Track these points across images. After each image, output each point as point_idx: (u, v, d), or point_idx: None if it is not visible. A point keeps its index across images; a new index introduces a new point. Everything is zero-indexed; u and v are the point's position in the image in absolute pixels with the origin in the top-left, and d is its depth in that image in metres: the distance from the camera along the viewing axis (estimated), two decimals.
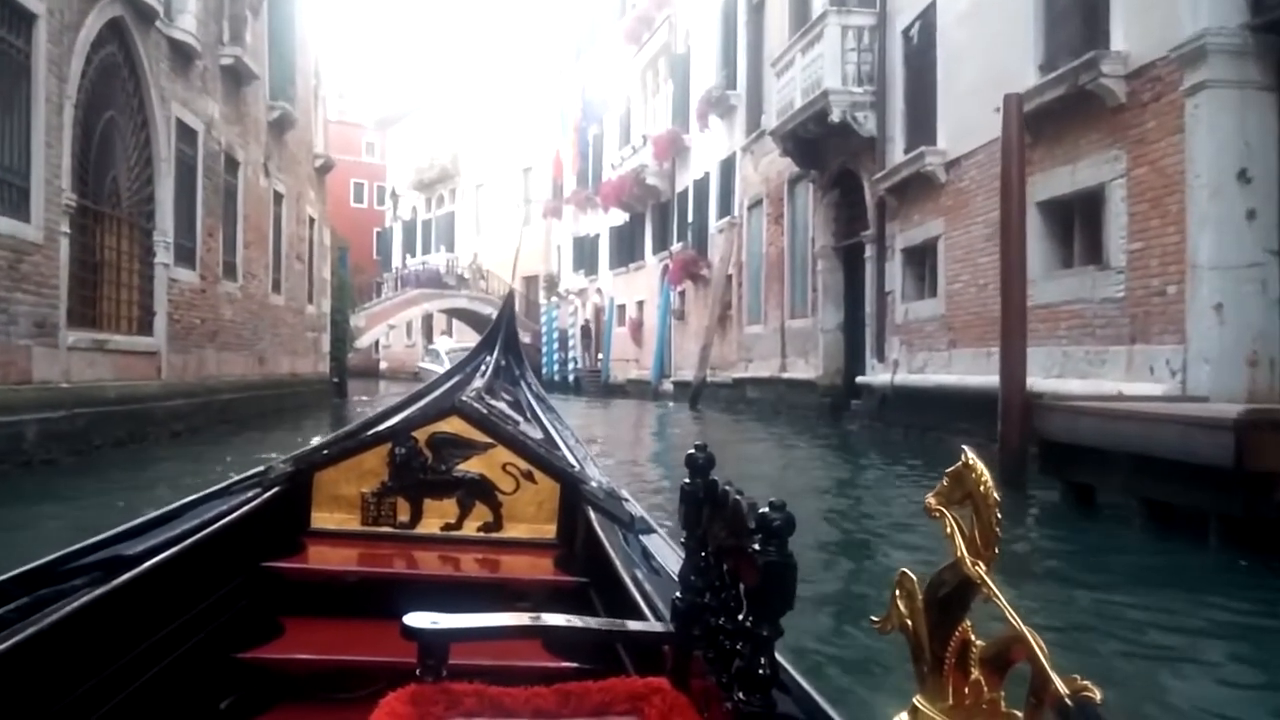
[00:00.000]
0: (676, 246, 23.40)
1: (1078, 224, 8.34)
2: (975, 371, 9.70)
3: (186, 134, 11.32)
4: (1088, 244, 8.21)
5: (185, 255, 11.29)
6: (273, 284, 15.22)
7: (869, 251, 12.90)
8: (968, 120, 10.04)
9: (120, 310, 9.72)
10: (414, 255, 44.03)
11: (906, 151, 11.68)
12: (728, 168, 20.19)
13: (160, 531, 1.77)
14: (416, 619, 1.15)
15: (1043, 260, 8.72)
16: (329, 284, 19.91)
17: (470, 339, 33.07)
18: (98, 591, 1.42)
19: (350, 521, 2.24)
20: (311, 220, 18.26)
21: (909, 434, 11.19)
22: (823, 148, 14.20)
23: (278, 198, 15.60)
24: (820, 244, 14.74)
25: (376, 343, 37.01)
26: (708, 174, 21.64)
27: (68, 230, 8.25)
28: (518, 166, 37.16)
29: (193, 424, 11.02)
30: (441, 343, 33.35)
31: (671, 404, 21.62)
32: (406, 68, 59.15)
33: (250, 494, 2.14)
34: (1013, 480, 6.62)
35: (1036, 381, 8.28)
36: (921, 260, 11.60)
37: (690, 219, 22.79)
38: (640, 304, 27.27)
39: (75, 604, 1.36)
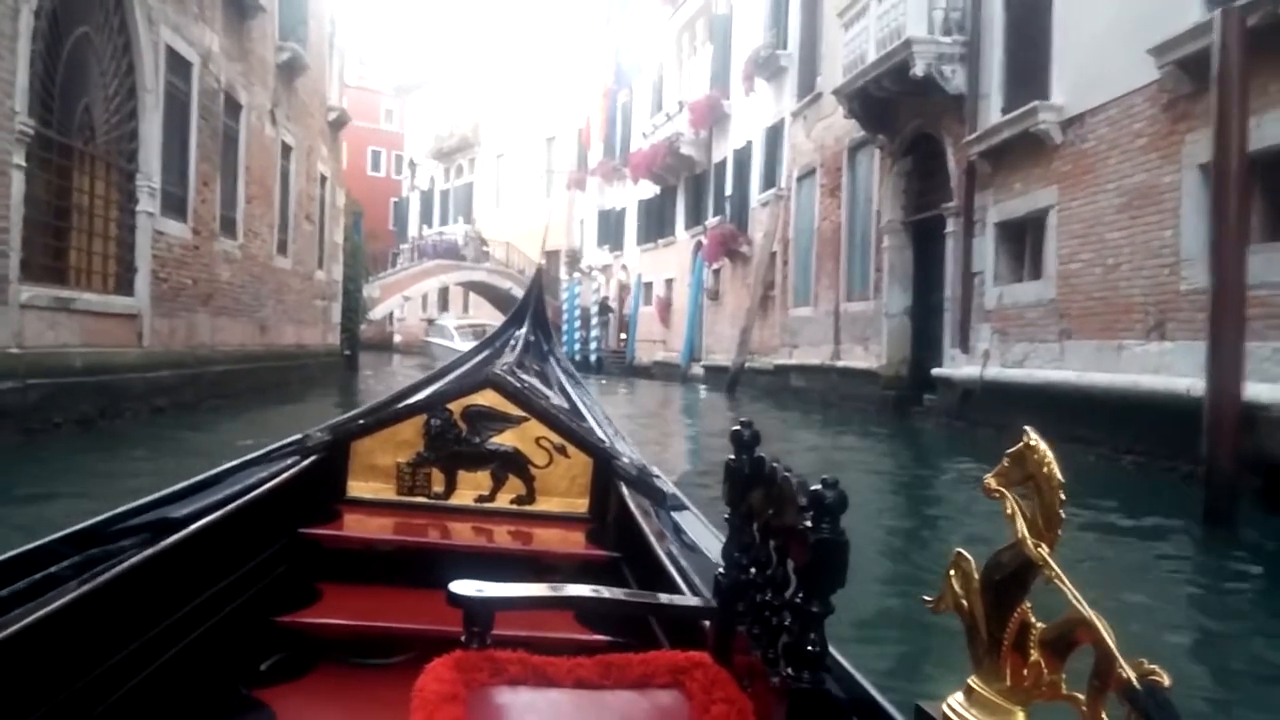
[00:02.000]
0: (713, 221, 21.85)
1: (1258, 191, 6.78)
2: (1100, 367, 8.18)
3: (179, 65, 9.84)
4: (1273, 215, 6.66)
5: (175, 205, 9.84)
6: (278, 245, 13.75)
7: (951, 226, 11.35)
8: (1097, 69, 8.46)
9: (92, 264, 8.28)
10: (431, 226, 42.51)
11: (1005, 110, 10.10)
12: (774, 135, 18.60)
13: (204, 495, 1.78)
14: (462, 586, 1.15)
15: (1203, 236, 7.15)
16: (341, 249, 18.45)
17: (485, 314, 31.68)
18: (146, 553, 1.45)
19: (386, 491, 2.27)
20: (323, 178, 16.78)
21: (1002, 437, 9.67)
22: (896, 108, 12.61)
23: (286, 150, 14.12)
24: (887, 218, 13.17)
25: (391, 314, 35.56)
26: (750, 142, 20.05)
27: (22, 163, 6.80)
28: (541, 136, 35.54)
29: (179, 398, 9.61)
30: (446, 319, 32.24)
31: (702, 389, 20.16)
32: (427, 33, 57.60)
33: (289, 461, 2.14)
34: (1220, 516, 5.12)
35: (1196, 383, 6.76)
36: (1021, 236, 10.05)
37: (729, 191, 21.22)
38: (669, 282, 25.75)
39: (124, 564, 1.39)
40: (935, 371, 11.39)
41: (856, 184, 14.47)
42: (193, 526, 1.60)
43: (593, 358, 27.83)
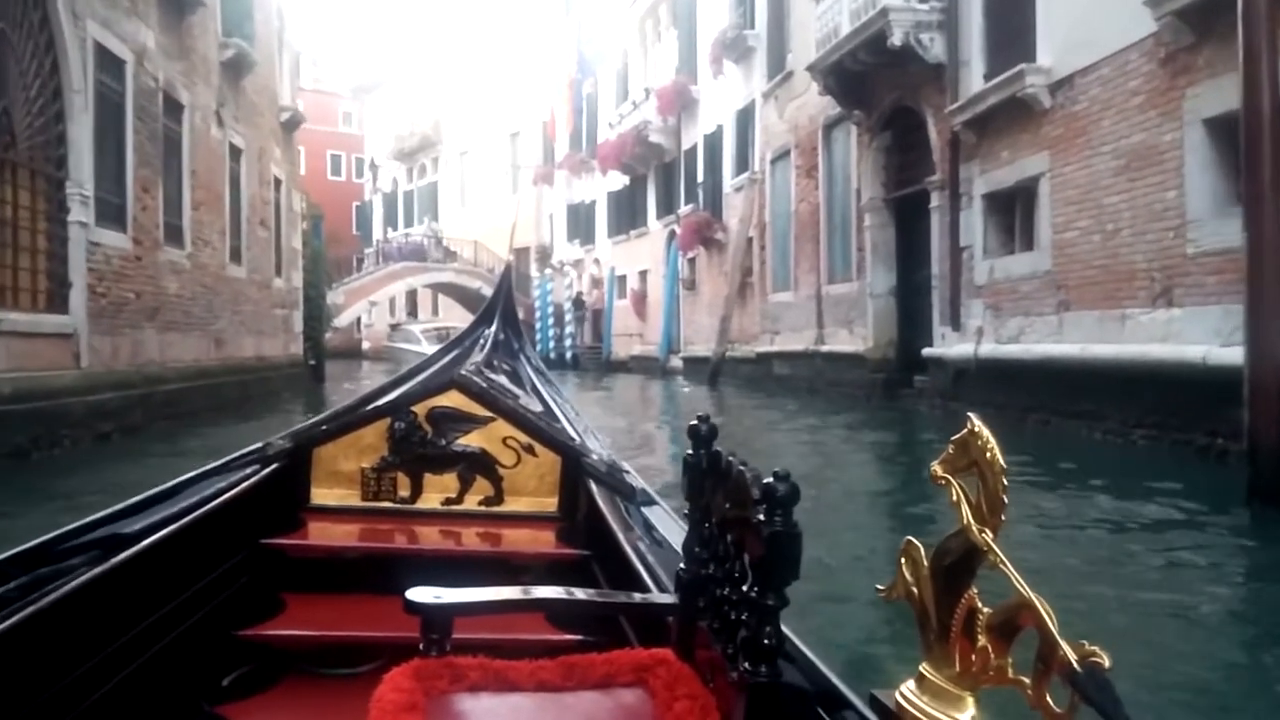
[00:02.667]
0: (686, 209, 21.32)
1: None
2: (1103, 339, 7.74)
3: (110, 63, 9.15)
4: None
5: (112, 214, 9.17)
6: (231, 253, 13.06)
7: (935, 200, 10.90)
8: (1087, 27, 8.01)
9: (19, 281, 7.61)
10: (395, 229, 41.66)
11: (989, 76, 9.65)
12: (745, 118, 18.10)
13: (158, 509, 1.72)
14: (419, 594, 1.14)
15: (1210, 195, 6.76)
16: (300, 255, 17.74)
17: (455, 316, 31.00)
18: (97, 570, 1.41)
19: (350, 497, 2.22)
20: (278, 182, 16.06)
21: (1001, 416, 9.21)
22: (872, 82, 12.15)
23: (235, 152, 13.41)
24: (868, 196, 12.72)
25: (358, 321, 34.74)
26: (720, 127, 19.54)
27: None
28: (505, 131, 34.84)
29: (127, 422, 8.96)
30: (409, 323, 32.47)
31: (682, 380, 19.67)
32: (383, 31, 56.64)
33: (249, 470, 2.10)
34: (1268, 493, 4.66)
35: (1211, 350, 6.36)
36: (1011, 206, 9.61)
37: (701, 178, 20.70)
38: (643, 274, 25.22)
39: (74, 583, 1.35)
40: (926, 351, 10.95)
41: (833, 163, 14.01)
42: (147, 541, 1.55)
43: (568, 354, 27.24)
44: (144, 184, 9.88)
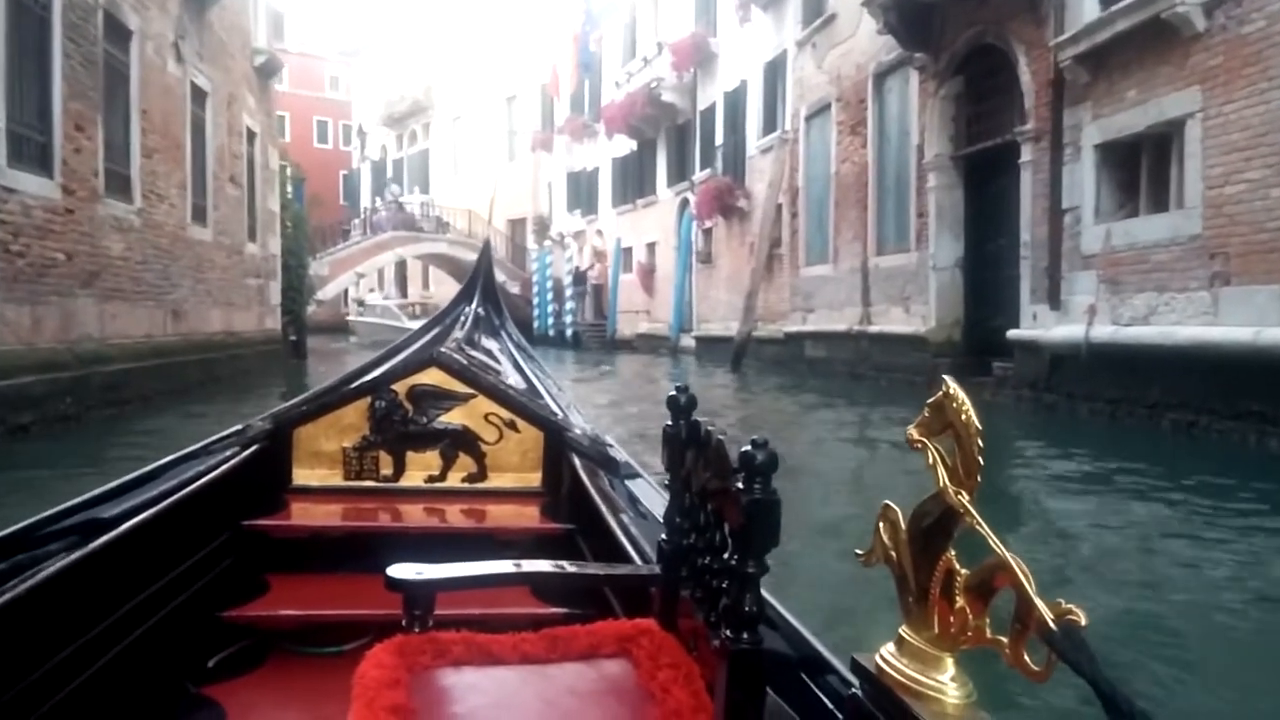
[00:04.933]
0: (702, 175, 19.56)
1: None
2: None
3: None
4: None
5: (34, 154, 7.40)
6: (193, 211, 11.26)
7: (1027, 154, 9.21)
8: None
9: None
10: (384, 198, 39.72)
11: (1106, 2, 7.95)
12: (774, 71, 16.35)
13: (138, 493, 1.71)
14: (400, 570, 1.14)
15: None
16: (279, 219, 15.93)
17: (447, 291, 29.19)
18: (76, 555, 1.39)
19: (333, 477, 2.23)
20: (251, 134, 14.24)
21: (1122, 413, 7.62)
22: (943, 17, 10.44)
23: (199, 95, 11.59)
24: (932, 153, 11.01)
25: (345, 294, 32.88)
26: (744, 82, 17.77)
27: None
28: (500, 95, 32.87)
29: (53, 412, 7.24)
30: (374, 297, 31.98)
31: (695, 362, 18.01)
32: None
33: (229, 452, 2.09)
34: None
35: None
36: (1134, 158, 7.93)
37: (720, 140, 18.94)
38: (651, 246, 23.48)
39: (53, 568, 1.33)
40: (1012, 334, 9.29)
41: (886, 116, 12.29)
42: (126, 525, 1.54)
43: (569, 332, 25.50)
44: (77, 121, 8.09)
